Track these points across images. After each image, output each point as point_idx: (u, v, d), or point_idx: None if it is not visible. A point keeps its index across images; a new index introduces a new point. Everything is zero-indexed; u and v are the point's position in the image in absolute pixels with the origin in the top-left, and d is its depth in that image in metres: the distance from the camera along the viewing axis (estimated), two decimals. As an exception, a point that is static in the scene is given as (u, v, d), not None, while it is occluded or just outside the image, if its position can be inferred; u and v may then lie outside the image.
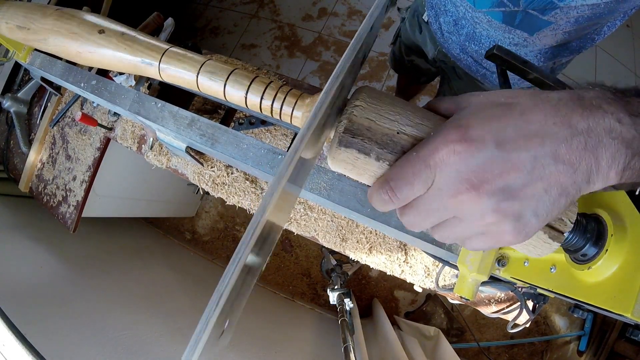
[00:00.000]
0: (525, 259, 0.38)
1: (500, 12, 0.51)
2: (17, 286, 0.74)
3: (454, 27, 0.65)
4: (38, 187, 0.97)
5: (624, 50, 1.91)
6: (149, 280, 1.13)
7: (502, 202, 0.21)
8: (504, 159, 0.21)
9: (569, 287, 0.32)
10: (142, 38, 0.41)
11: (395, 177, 0.24)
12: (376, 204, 0.26)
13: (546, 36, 0.52)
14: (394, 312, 1.76)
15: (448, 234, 0.25)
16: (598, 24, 0.51)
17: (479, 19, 0.56)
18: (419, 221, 0.25)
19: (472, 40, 0.63)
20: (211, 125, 0.45)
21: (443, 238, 0.25)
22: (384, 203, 0.25)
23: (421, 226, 0.25)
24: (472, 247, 0.25)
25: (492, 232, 0.23)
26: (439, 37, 0.71)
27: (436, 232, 0.25)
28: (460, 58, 0.70)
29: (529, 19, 0.49)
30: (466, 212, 0.23)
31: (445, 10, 0.65)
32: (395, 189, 0.24)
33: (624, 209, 0.29)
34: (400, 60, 1.01)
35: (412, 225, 0.26)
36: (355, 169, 0.27)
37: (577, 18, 0.47)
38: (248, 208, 0.79)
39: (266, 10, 2.18)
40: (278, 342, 1.07)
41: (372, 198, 0.26)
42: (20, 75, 1.02)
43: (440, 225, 0.25)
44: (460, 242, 0.25)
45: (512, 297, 0.72)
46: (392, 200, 0.24)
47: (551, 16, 0.47)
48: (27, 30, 0.46)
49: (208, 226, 1.99)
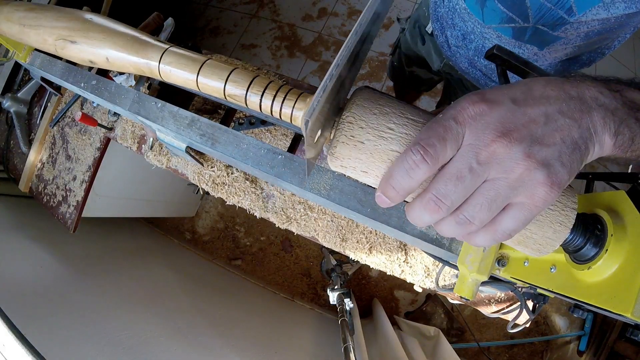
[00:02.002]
0: (525, 259, 0.38)
1: (510, 28, 0.51)
2: (17, 286, 0.74)
3: (462, 42, 0.64)
4: (38, 187, 0.97)
5: (624, 50, 1.91)
6: (149, 280, 1.13)
7: (530, 147, 0.22)
8: (522, 113, 0.23)
9: (569, 287, 0.32)
10: (142, 37, 0.41)
11: (425, 136, 0.23)
12: (403, 172, 0.24)
13: (556, 50, 0.52)
14: (394, 312, 1.76)
15: (482, 200, 0.23)
16: (609, 38, 0.51)
17: (488, 34, 0.56)
18: (451, 190, 0.23)
19: (481, 55, 0.62)
20: (211, 125, 0.45)
21: (476, 210, 0.23)
22: (414, 166, 0.23)
23: (452, 198, 0.23)
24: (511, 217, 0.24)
25: (526, 186, 0.23)
26: (446, 50, 0.70)
27: (469, 204, 0.24)
28: (469, 72, 0.69)
29: (539, 34, 0.49)
30: (499, 164, 0.23)
31: (453, 24, 0.64)
32: (428, 146, 0.23)
33: (624, 209, 0.29)
34: (400, 71, 1.00)
35: (444, 196, 0.23)
36: (362, 154, 0.26)
37: (588, 33, 0.46)
38: (248, 208, 0.79)
39: (266, 10, 2.18)
40: (278, 342, 1.07)
41: (398, 166, 0.24)
42: (20, 75, 1.02)
43: (473, 196, 0.24)
44: (495, 209, 0.23)
45: (512, 297, 0.72)
46: (424, 159, 0.23)
47: (561, 31, 0.47)
48: (26, 30, 0.46)
49: (208, 226, 1.99)
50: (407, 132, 0.26)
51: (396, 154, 0.26)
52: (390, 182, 0.25)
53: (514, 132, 0.22)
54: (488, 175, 0.23)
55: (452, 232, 0.25)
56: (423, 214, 0.24)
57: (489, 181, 0.23)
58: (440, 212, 0.24)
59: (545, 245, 0.27)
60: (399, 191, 0.25)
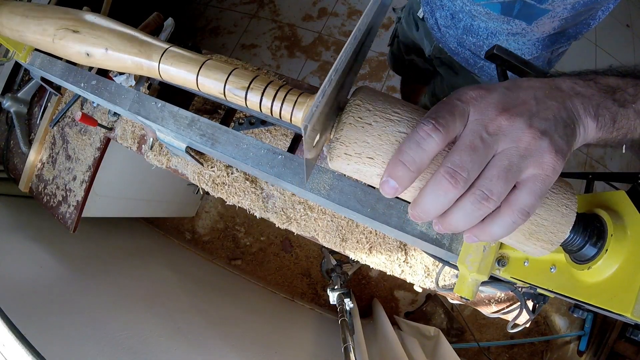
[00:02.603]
0: (525, 258, 0.38)
1: (499, 4, 0.52)
2: (17, 286, 0.74)
3: (451, 21, 0.65)
4: (38, 187, 0.97)
5: (624, 50, 1.91)
6: (149, 280, 1.13)
7: (531, 119, 0.24)
8: (516, 96, 0.26)
9: (569, 287, 0.32)
10: (142, 37, 0.41)
11: (434, 111, 0.25)
12: (414, 144, 0.24)
13: (544, 24, 0.53)
14: (394, 312, 1.76)
15: (497, 172, 0.23)
16: (593, 8, 0.52)
17: (477, 12, 0.57)
18: (467, 160, 0.23)
19: (469, 33, 0.63)
20: (211, 125, 0.45)
21: (493, 182, 0.23)
22: (426, 136, 0.23)
23: (468, 169, 0.23)
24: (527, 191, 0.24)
25: (534, 155, 0.24)
26: (436, 32, 0.71)
27: (485, 177, 0.24)
28: (458, 52, 0.70)
29: (527, 8, 0.50)
30: (507, 135, 0.24)
31: (442, 5, 0.65)
32: (439, 117, 0.24)
33: (623, 209, 0.29)
34: (400, 60, 1.01)
35: (460, 167, 0.23)
36: (369, 137, 0.26)
37: (574, 4, 0.47)
38: (248, 208, 0.79)
39: (266, 10, 2.18)
40: (278, 342, 1.07)
41: (408, 140, 0.24)
42: (20, 75, 1.02)
43: (487, 168, 0.24)
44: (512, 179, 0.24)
45: (512, 297, 0.72)
46: (437, 127, 0.23)
47: (549, 4, 0.48)
48: (26, 29, 0.46)
49: (208, 226, 1.99)
50: (413, 116, 0.26)
51: (404, 135, 0.26)
52: (401, 157, 0.24)
53: (514, 108, 0.25)
54: (498, 147, 0.24)
55: (467, 217, 0.24)
56: (438, 194, 0.24)
57: (500, 152, 0.24)
58: (457, 186, 0.23)
59: (556, 233, 0.27)
60: (410, 166, 0.24)
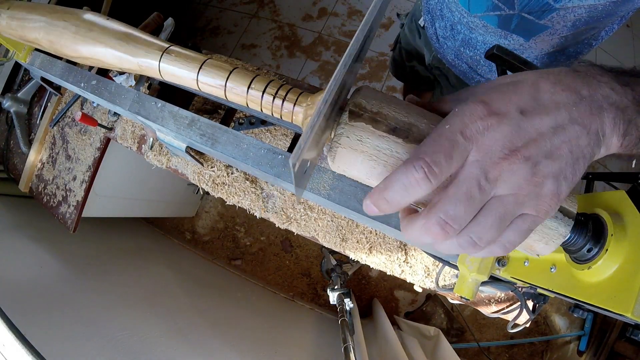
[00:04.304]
0: (525, 258, 0.38)
1: (496, 17, 0.51)
2: (17, 286, 0.74)
3: (450, 32, 0.65)
4: (38, 187, 0.97)
5: (624, 50, 1.91)
6: (149, 280, 1.13)
7: (539, 164, 0.22)
8: (530, 126, 0.22)
9: (569, 287, 0.32)
10: (142, 37, 0.41)
11: (430, 150, 0.21)
12: (400, 187, 0.22)
13: (543, 41, 0.51)
14: (394, 312, 1.76)
15: (491, 220, 0.22)
16: (596, 28, 0.50)
17: (474, 24, 0.56)
18: (461, 211, 0.22)
19: (467, 46, 0.62)
20: (211, 125, 0.45)
21: (485, 230, 0.22)
22: (415, 183, 0.21)
23: (461, 221, 0.22)
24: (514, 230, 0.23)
25: (532, 200, 0.22)
26: (434, 42, 0.71)
27: (478, 224, 0.22)
28: (455, 64, 0.70)
29: (525, 23, 0.49)
30: (507, 181, 0.22)
31: (442, 15, 0.64)
32: (433, 164, 0.21)
33: (624, 209, 0.29)
34: (401, 66, 1.01)
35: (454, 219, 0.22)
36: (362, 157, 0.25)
37: (574, 22, 0.46)
38: (248, 208, 0.79)
39: (266, 10, 2.18)
40: (278, 342, 1.07)
41: (396, 181, 0.22)
42: (20, 75, 1.02)
43: (481, 214, 0.22)
44: (503, 227, 0.23)
45: (512, 297, 0.72)
46: (427, 177, 0.21)
47: (548, 20, 0.46)
48: (26, 29, 0.46)
49: (208, 226, 1.99)
50: (412, 121, 0.25)
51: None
52: (385, 194, 0.23)
53: (523, 149, 0.22)
54: (495, 192, 0.22)
55: (451, 250, 0.24)
56: (424, 237, 0.23)
57: (496, 198, 0.22)
58: (447, 236, 0.22)
59: (556, 233, 0.27)
60: (392, 205, 0.23)
